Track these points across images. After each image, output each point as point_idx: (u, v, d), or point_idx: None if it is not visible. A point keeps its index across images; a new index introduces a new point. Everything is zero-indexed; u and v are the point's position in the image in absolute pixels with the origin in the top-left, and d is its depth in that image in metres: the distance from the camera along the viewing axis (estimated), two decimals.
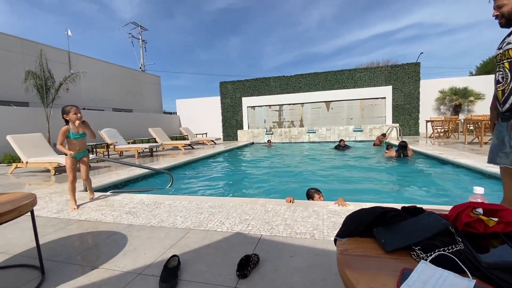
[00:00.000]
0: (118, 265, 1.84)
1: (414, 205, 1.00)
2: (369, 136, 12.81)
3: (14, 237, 2.43)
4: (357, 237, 0.90)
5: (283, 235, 2.21)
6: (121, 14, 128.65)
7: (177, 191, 4.69)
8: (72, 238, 2.36)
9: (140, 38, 24.42)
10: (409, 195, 4.21)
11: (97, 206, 3.25)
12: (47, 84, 9.40)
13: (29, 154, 6.22)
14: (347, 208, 2.79)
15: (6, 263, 1.95)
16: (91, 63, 15.43)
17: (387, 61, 30.67)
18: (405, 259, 0.78)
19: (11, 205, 1.50)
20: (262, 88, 15.39)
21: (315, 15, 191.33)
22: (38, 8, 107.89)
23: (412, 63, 13.06)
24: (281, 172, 6.44)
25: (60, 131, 3.15)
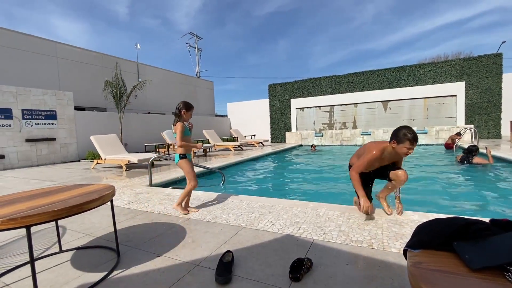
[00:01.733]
0: (178, 255, 2.00)
1: (507, 219, 0.85)
2: (435, 139, 11.38)
3: (96, 221, 2.84)
4: (432, 249, 0.80)
5: (337, 241, 2.11)
6: (180, 26, 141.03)
7: (228, 190, 4.88)
8: (140, 227, 2.65)
9: (196, 46, 26.33)
10: (490, 209, 3.59)
11: (160, 200, 3.59)
12: (120, 91, 10.83)
13: (107, 152, 7.24)
14: (410, 218, 2.52)
15: (90, 244, 2.30)
16: (155, 72, 17.22)
17: (458, 54, 26.99)
18: (496, 280, 0.66)
19: (97, 194, 1.76)
20: (311, 89, 15.03)
21: (370, 9, 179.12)
22: (114, 26, 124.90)
23: (491, 54, 11.19)
24: (329, 176, 6.17)
25: (177, 129, 2.95)
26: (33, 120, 8.54)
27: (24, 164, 8.31)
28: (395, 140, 2.31)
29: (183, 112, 3.03)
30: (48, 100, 8.96)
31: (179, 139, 2.94)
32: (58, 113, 9.22)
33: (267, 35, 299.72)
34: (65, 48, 12.50)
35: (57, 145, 9.14)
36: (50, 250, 2.21)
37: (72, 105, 9.68)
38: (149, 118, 13.27)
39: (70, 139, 9.54)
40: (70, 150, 9.51)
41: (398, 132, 2.30)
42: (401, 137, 2.26)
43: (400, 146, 2.28)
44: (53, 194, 1.84)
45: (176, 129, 2.96)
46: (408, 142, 2.24)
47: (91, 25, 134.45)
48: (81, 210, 1.59)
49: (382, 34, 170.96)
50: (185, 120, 3.06)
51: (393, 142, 2.33)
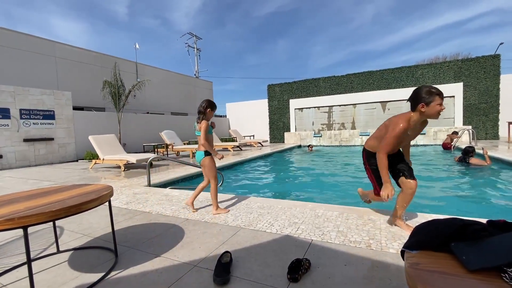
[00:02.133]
0: (177, 256, 1.99)
1: (504, 219, 0.85)
2: (433, 140, 11.43)
3: (94, 222, 2.83)
4: (430, 250, 0.80)
5: (336, 242, 2.11)
6: (179, 26, 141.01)
7: (226, 190, 4.88)
8: (139, 227, 2.65)
9: (195, 46, 26.31)
10: (488, 209, 3.60)
11: (158, 200, 3.59)
12: (119, 91, 10.81)
13: (105, 152, 7.22)
14: (408, 219, 2.52)
15: (88, 244, 2.29)
16: (154, 72, 17.19)
17: (456, 55, 27.13)
18: (493, 281, 0.66)
19: (95, 194, 1.75)
20: (310, 90, 15.05)
21: (369, 9, 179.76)
22: (113, 26, 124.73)
23: (489, 55, 11.26)
24: (327, 176, 6.18)
25: (203, 127, 2.92)
26: (31, 120, 8.51)
27: (22, 164, 8.28)
28: (422, 103, 1.96)
29: (208, 111, 3.01)
30: (46, 100, 8.93)
31: (203, 137, 2.93)
32: (56, 113, 9.19)
33: (267, 35, 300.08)
34: (64, 48, 12.46)
35: (55, 145, 9.10)
36: (48, 250, 2.20)
37: (71, 105, 9.65)
38: (148, 118, 13.24)
39: (69, 139, 9.51)
40: (68, 150, 9.48)
41: (420, 93, 1.98)
42: (428, 96, 1.95)
43: (432, 106, 1.95)
44: (51, 194, 1.83)
45: (201, 127, 2.94)
46: (438, 97, 1.94)
47: (91, 25, 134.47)
48: (79, 211, 1.59)
49: (381, 35, 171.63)
50: (208, 119, 3.03)
51: (420, 106, 1.98)
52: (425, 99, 1.97)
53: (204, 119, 2.98)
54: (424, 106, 1.98)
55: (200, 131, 2.95)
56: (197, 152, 3.06)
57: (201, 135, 2.93)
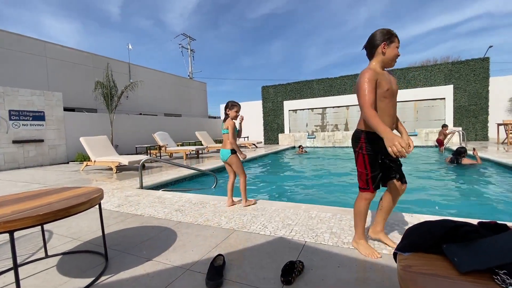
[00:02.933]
0: (169, 259, 1.96)
1: (495, 221, 0.86)
2: (424, 141, 11.61)
3: (84, 225, 2.77)
4: (422, 252, 0.80)
5: (329, 243, 2.11)
6: (173, 27, 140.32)
7: (220, 192, 4.84)
8: (130, 230, 2.60)
9: (189, 47, 26.19)
10: (479, 211, 3.67)
11: (151, 203, 3.54)
12: (111, 92, 10.67)
13: (97, 153, 7.10)
14: (401, 220, 2.54)
15: (78, 248, 2.23)
16: (147, 72, 17.05)
17: (446, 58, 27.70)
18: (485, 283, 0.66)
19: (85, 197, 1.71)
20: (304, 91, 15.14)
21: (362, 13, 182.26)
22: (106, 27, 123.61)
23: (478, 58, 11.51)
24: (320, 177, 6.20)
25: (230, 126, 3.07)
26: (21, 121, 8.32)
27: (11, 166, 8.08)
28: (384, 41, 1.78)
29: (227, 111, 3.17)
30: (36, 101, 8.75)
31: (231, 136, 3.07)
32: (47, 114, 9.01)
33: (261, 37, 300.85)
34: (55, 48, 12.25)
35: (45, 147, 8.91)
36: (36, 255, 2.14)
37: (61, 105, 9.47)
38: (140, 120, 13.10)
39: (59, 140, 9.33)
40: (59, 152, 9.30)
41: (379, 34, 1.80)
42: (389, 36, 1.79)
43: (392, 46, 1.79)
44: (39, 198, 1.79)
45: (227, 125, 3.10)
46: (397, 39, 1.81)
47: (83, 25, 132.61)
48: (67, 214, 1.54)
49: None
50: (233, 118, 3.16)
51: (382, 45, 1.79)
52: (386, 38, 1.79)
53: (228, 118, 3.15)
54: (385, 46, 1.79)
55: (226, 129, 3.13)
56: (223, 150, 3.20)
57: (229, 134, 3.09)
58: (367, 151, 1.86)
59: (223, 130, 3.18)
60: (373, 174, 1.87)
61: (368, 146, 1.86)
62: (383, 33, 1.80)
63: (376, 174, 1.88)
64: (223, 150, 3.18)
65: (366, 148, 1.86)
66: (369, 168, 1.87)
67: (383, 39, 1.79)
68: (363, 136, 1.87)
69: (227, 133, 3.12)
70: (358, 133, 1.92)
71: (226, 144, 3.15)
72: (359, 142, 1.90)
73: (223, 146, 3.19)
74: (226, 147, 3.14)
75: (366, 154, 1.87)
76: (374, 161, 1.87)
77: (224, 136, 3.17)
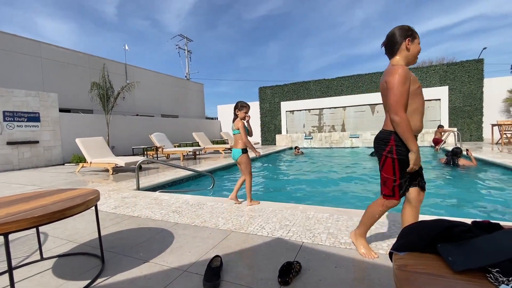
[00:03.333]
0: (166, 261, 1.95)
1: (488, 220, 0.87)
2: (420, 142, 11.69)
3: (81, 227, 2.75)
4: (417, 252, 0.81)
5: (326, 244, 2.12)
6: (170, 28, 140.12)
7: (218, 193, 4.84)
8: (127, 232, 2.59)
9: (185, 48, 26.14)
10: (472, 210, 3.71)
11: (147, 204, 3.52)
12: (107, 93, 10.60)
13: (93, 155, 7.05)
14: (397, 220, 2.56)
15: (74, 251, 2.22)
16: (144, 73, 16.98)
17: (441, 59, 27.96)
18: (479, 282, 0.67)
19: (81, 199, 1.70)
20: (301, 92, 15.20)
21: (358, 14, 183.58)
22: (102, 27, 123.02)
23: (473, 60, 11.65)
24: (317, 178, 6.22)
25: (241, 126, 3.17)
26: (15, 122, 8.23)
27: (5, 168, 7.98)
28: (409, 37, 1.68)
29: (236, 111, 3.27)
30: (31, 102, 8.66)
31: (244, 135, 3.17)
32: (42, 115, 8.93)
33: (258, 38, 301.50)
34: (50, 49, 12.15)
35: (40, 148, 8.83)
36: (31, 258, 2.12)
37: (57, 107, 9.39)
38: (137, 121, 13.04)
39: (54, 142, 9.24)
40: (54, 153, 9.21)
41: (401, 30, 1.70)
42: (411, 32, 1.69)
43: (415, 42, 1.69)
44: (34, 200, 1.77)
45: (238, 126, 3.19)
46: (417, 34, 1.72)
47: (78, 25, 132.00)
48: (63, 216, 1.53)
49: (370, 39, 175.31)
50: (242, 119, 3.25)
51: (407, 41, 1.67)
52: (409, 34, 1.69)
53: (237, 119, 3.25)
54: (410, 42, 1.68)
55: (237, 130, 3.22)
56: (234, 150, 3.26)
57: (241, 134, 3.18)
58: (399, 155, 1.65)
59: (234, 131, 3.27)
60: (401, 180, 1.68)
61: (399, 149, 1.65)
62: (405, 29, 1.71)
63: (404, 181, 1.71)
64: (234, 150, 3.27)
65: (397, 151, 1.66)
66: (398, 174, 1.67)
67: (407, 35, 1.70)
68: (393, 137, 1.67)
69: (238, 133, 3.21)
70: (386, 134, 1.71)
71: (237, 143, 3.25)
72: (388, 145, 1.68)
73: (235, 145, 3.28)
74: (238, 146, 3.24)
75: (397, 158, 1.66)
76: (404, 166, 1.67)
77: (235, 136, 3.27)
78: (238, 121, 3.22)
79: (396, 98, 1.57)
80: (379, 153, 1.76)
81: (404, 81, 1.56)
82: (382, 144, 1.73)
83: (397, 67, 1.62)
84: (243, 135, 3.17)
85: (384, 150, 1.71)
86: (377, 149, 1.78)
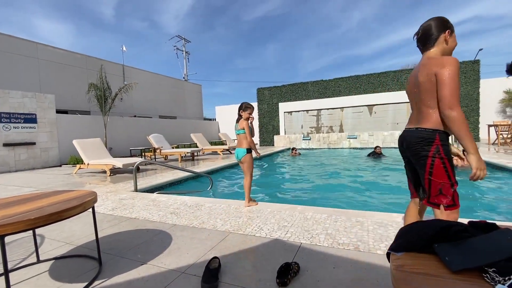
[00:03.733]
0: (164, 263, 1.94)
1: (485, 220, 0.88)
2: None
3: (77, 229, 2.73)
4: (414, 252, 0.82)
5: (324, 244, 2.12)
6: (168, 29, 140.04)
7: (216, 194, 4.83)
8: (124, 234, 2.57)
9: (183, 49, 26.12)
10: (469, 210, 3.73)
11: (145, 206, 3.51)
12: (105, 94, 10.56)
13: (90, 156, 7.01)
14: (395, 220, 2.57)
15: (71, 253, 2.20)
16: (141, 74, 16.94)
17: None
18: (475, 282, 0.68)
19: (77, 201, 1.69)
20: (299, 93, 15.23)
21: (355, 16, 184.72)
22: (100, 28, 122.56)
23: (469, 61, 11.74)
24: (315, 179, 6.23)
25: (245, 126, 3.23)
26: (12, 123, 8.17)
27: (2, 169, 7.91)
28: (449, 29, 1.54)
29: (240, 112, 3.31)
30: (28, 103, 8.61)
31: (248, 135, 3.23)
32: (39, 117, 8.87)
33: (256, 39, 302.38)
34: (47, 50, 12.09)
35: (37, 150, 8.77)
36: (27, 260, 2.10)
37: (54, 108, 9.34)
38: (135, 122, 12.99)
39: (51, 143, 9.18)
40: (51, 155, 9.15)
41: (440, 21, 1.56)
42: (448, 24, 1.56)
43: (454, 36, 1.56)
44: (30, 202, 1.76)
45: (242, 126, 3.24)
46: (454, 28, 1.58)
47: (76, 26, 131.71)
48: (60, 218, 1.52)
49: (367, 41, 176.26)
50: (246, 119, 3.29)
51: (447, 33, 1.53)
52: (448, 26, 1.55)
53: (241, 119, 3.30)
54: (449, 35, 1.54)
55: (240, 130, 3.28)
56: (238, 149, 3.30)
57: (246, 133, 3.24)
58: (447, 155, 1.47)
59: (238, 131, 3.31)
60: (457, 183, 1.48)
61: (446, 148, 1.48)
62: (443, 21, 1.56)
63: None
64: (238, 149, 3.30)
65: (444, 150, 1.47)
66: (453, 176, 1.47)
67: (446, 26, 1.55)
68: (439, 136, 1.48)
69: (242, 133, 3.26)
70: (430, 133, 1.50)
71: (242, 143, 3.28)
72: (433, 144, 1.48)
73: (239, 145, 3.31)
74: (242, 146, 3.27)
75: (446, 158, 1.47)
76: (453, 167, 1.49)
77: (239, 136, 3.31)
78: (243, 121, 3.27)
79: (452, 91, 1.37)
80: (421, 155, 1.52)
81: (458, 73, 1.41)
82: (425, 144, 1.50)
83: (448, 58, 1.43)
84: (247, 134, 3.23)
85: (429, 151, 1.49)
86: (418, 151, 1.54)
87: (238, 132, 3.31)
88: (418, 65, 1.61)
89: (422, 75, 1.51)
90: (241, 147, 3.27)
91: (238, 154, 3.29)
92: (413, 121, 1.64)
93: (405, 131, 1.68)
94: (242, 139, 3.28)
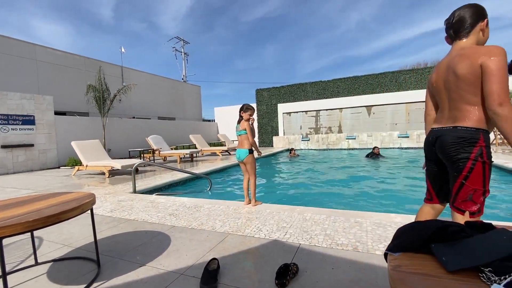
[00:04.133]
0: (162, 264, 1.94)
1: (481, 220, 0.88)
2: (416, 143, 11.80)
3: (76, 231, 2.72)
4: (411, 252, 0.82)
5: (323, 245, 2.12)
6: (167, 30, 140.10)
7: (215, 196, 4.83)
8: (123, 236, 2.57)
9: (182, 51, 26.15)
10: None
11: (144, 207, 3.50)
12: (104, 96, 10.55)
13: (89, 158, 7.00)
14: (393, 220, 2.58)
15: (69, 255, 2.19)
16: (140, 76, 16.92)
17: (437, 61, 28.31)
18: (472, 281, 0.68)
19: (76, 203, 1.69)
20: (298, 94, 15.26)
21: (355, 16, 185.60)
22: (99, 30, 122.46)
23: None
24: (313, 180, 6.24)
25: (247, 127, 3.26)
26: (10, 125, 8.15)
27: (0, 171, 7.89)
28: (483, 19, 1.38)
29: (241, 113, 3.33)
30: (26, 105, 8.59)
31: (250, 136, 3.25)
32: (37, 118, 8.85)
33: (255, 40, 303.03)
34: (45, 51, 12.07)
35: (35, 151, 8.74)
36: (25, 262, 2.09)
37: (52, 109, 9.32)
38: (133, 123, 12.98)
39: (50, 145, 9.16)
40: (50, 157, 9.12)
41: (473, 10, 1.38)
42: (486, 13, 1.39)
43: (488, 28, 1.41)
44: (28, 204, 1.75)
45: (244, 127, 3.26)
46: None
47: (74, 27, 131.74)
48: (58, 220, 1.52)
49: (366, 42, 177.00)
50: (247, 120, 3.31)
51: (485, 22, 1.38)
52: (486, 15, 1.39)
53: (242, 120, 3.32)
54: (484, 24, 1.38)
55: (241, 131, 3.29)
56: (240, 150, 3.31)
57: (248, 134, 3.25)
58: (489, 159, 1.32)
59: (239, 132, 3.32)
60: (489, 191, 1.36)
61: (489, 150, 1.33)
62: (481, 9, 1.38)
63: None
64: (240, 150, 3.30)
65: (487, 153, 1.31)
66: (488, 182, 1.34)
67: (484, 15, 1.38)
68: (483, 136, 1.30)
69: (244, 134, 3.27)
70: (473, 132, 1.31)
71: (243, 144, 3.29)
72: (476, 146, 1.30)
73: (240, 146, 3.32)
74: (244, 146, 3.28)
75: (488, 162, 1.31)
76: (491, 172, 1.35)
77: (240, 137, 3.32)
78: (244, 122, 3.29)
79: (502, 84, 1.19)
80: (460, 157, 1.33)
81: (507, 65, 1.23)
82: (467, 145, 1.31)
83: (496, 47, 1.24)
84: (249, 135, 3.25)
85: (471, 152, 1.31)
86: (457, 152, 1.34)
87: (240, 133, 3.33)
88: (451, 56, 1.40)
89: (462, 67, 1.30)
90: (243, 147, 3.29)
91: (240, 155, 3.31)
92: (445, 120, 1.43)
93: (439, 130, 1.44)
94: (244, 139, 3.29)
